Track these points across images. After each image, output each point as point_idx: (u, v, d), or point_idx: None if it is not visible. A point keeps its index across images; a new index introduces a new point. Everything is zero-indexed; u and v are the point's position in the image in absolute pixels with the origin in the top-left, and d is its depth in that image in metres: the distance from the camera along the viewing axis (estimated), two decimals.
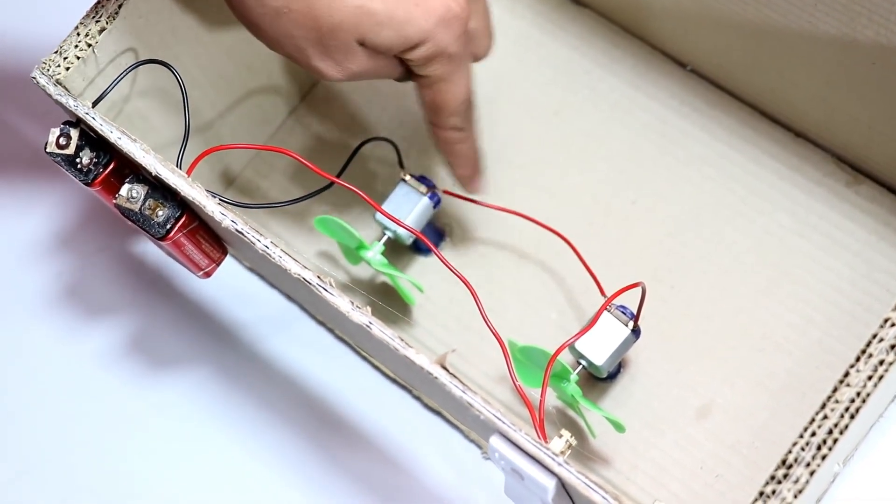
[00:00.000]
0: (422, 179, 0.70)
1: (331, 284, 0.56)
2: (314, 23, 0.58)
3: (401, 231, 0.69)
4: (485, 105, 0.77)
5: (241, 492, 0.72)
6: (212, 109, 0.72)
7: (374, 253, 0.69)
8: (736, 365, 0.69)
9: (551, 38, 0.78)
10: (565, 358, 0.64)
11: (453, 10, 0.60)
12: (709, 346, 0.70)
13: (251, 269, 0.76)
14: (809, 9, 0.64)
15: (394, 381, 0.72)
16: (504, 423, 0.52)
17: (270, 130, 0.78)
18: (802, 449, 0.51)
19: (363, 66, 0.61)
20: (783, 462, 0.51)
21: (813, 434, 0.51)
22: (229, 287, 0.75)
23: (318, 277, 0.56)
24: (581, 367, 0.66)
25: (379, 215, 0.68)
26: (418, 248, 0.74)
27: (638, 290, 0.64)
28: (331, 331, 0.74)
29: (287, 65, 0.76)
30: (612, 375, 0.70)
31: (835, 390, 0.52)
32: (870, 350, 0.52)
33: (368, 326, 0.55)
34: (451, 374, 0.53)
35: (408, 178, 0.70)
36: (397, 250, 0.74)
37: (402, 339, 0.54)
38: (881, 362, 0.52)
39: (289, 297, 0.75)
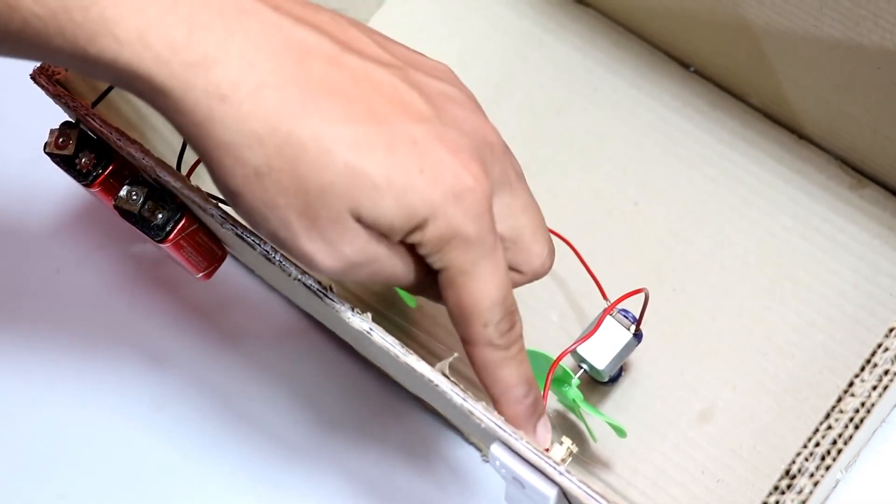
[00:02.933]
0: None
1: (331, 289, 0.55)
2: (300, 185, 0.47)
3: None
4: (486, 104, 0.76)
5: (237, 494, 0.71)
6: None
7: None
8: (738, 367, 0.69)
9: (554, 37, 0.78)
10: (566, 361, 0.64)
11: (465, 182, 0.49)
12: (711, 348, 0.70)
13: (250, 271, 0.75)
14: (814, 12, 0.64)
15: (393, 382, 0.72)
16: (505, 431, 0.52)
17: None
18: (806, 459, 0.51)
19: (362, 254, 0.49)
20: (787, 472, 0.51)
21: (817, 444, 0.51)
22: (228, 288, 0.75)
23: (319, 282, 0.55)
24: (582, 370, 0.65)
25: None
26: None
27: (639, 292, 0.64)
28: (330, 332, 0.74)
29: None
30: (614, 379, 0.69)
31: (839, 400, 0.52)
32: (874, 360, 0.52)
33: (369, 332, 0.54)
34: (452, 381, 0.53)
35: None
36: None
37: (402, 346, 0.54)
38: (886, 372, 0.51)
39: (288, 300, 0.75)
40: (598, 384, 0.69)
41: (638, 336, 0.65)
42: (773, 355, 0.69)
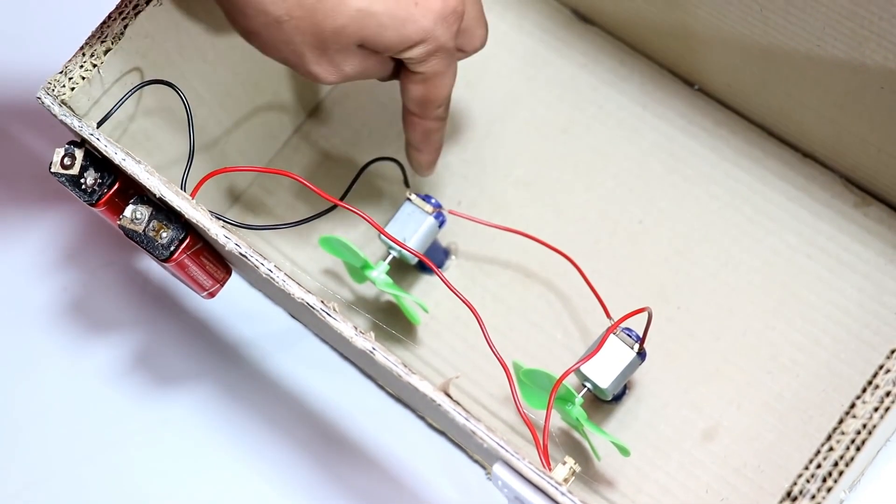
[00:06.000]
0: (427, 198, 0.70)
1: (334, 309, 0.55)
2: (316, 28, 0.58)
3: (406, 251, 0.68)
4: (492, 122, 0.77)
5: None
6: (218, 127, 0.72)
7: (379, 273, 0.68)
8: (743, 386, 0.69)
9: (559, 55, 0.78)
10: (570, 380, 0.64)
11: (450, 5, 0.60)
12: (715, 367, 0.70)
13: (256, 287, 0.75)
14: (817, 33, 0.64)
15: (398, 400, 0.72)
16: (507, 451, 0.52)
17: (276, 147, 0.78)
18: (808, 481, 0.51)
19: (357, 68, 0.61)
20: (788, 494, 0.51)
21: (818, 466, 0.51)
22: (234, 304, 0.75)
23: (322, 302, 0.56)
24: (586, 389, 0.65)
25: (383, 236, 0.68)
26: (423, 267, 0.74)
27: (642, 311, 0.64)
28: (335, 349, 0.74)
29: (293, 81, 0.75)
30: (618, 397, 0.69)
31: (840, 422, 0.51)
32: (876, 381, 0.52)
33: (372, 352, 0.54)
34: (454, 401, 0.53)
35: (413, 197, 0.69)
36: (403, 269, 0.74)
37: (405, 366, 0.54)
38: (888, 394, 0.51)
39: (293, 316, 0.75)
40: (602, 402, 0.69)
41: (641, 355, 0.65)
42: (778, 374, 0.69)
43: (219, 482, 0.72)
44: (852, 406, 0.52)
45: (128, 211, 0.60)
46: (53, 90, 0.61)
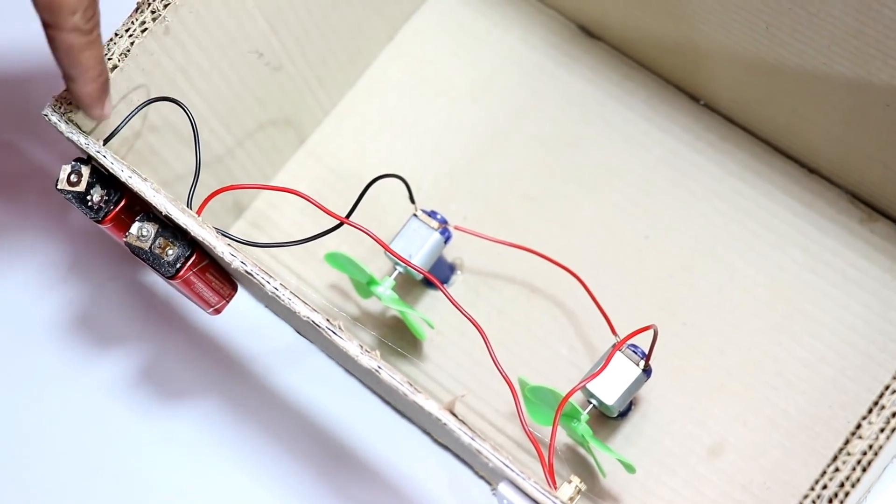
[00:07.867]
0: (433, 214, 0.70)
1: (339, 328, 0.55)
2: None
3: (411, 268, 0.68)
4: (497, 136, 0.77)
5: None
6: (223, 143, 0.72)
7: (385, 288, 0.68)
8: (748, 402, 0.69)
9: (565, 70, 0.78)
10: (575, 397, 0.64)
11: None
12: (721, 383, 0.70)
13: (262, 302, 0.75)
14: (823, 50, 0.64)
15: (403, 415, 0.72)
16: (513, 470, 0.52)
17: (281, 163, 0.78)
18: (814, 502, 0.51)
19: None
20: None
21: (824, 487, 0.51)
22: (240, 319, 0.75)
23: (328, 320, 0.56)
24: (591, 406, 0.65)
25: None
26: (429, 282, 0.73)
27: (648, 328, 0.64)
28: (341, 365, 0.74)
29: (297, 97, 0.76)
30: (623, 414, 0.69)
31: (847, 442, 0.51)
32: (882, 402, 0.52)
33: (377, 371, 0.54)
34: (459, 420, 0.53)
35: (419, 213, 0.69)
36: (408, 284, 0.74)
37: (411, 385, 0.54)
38: (894, 414, 0.51)
39: (299, 332, 0.75)
40: (608, 419, 0.69)
41: (647, 371, 0.65)
42: (784, 390, 0.69)
43: (224, 497, 0.72)
44: (858, 426, 0.52)
45: (134, 228, 0.60)
46: (60, 107, 0.61)
